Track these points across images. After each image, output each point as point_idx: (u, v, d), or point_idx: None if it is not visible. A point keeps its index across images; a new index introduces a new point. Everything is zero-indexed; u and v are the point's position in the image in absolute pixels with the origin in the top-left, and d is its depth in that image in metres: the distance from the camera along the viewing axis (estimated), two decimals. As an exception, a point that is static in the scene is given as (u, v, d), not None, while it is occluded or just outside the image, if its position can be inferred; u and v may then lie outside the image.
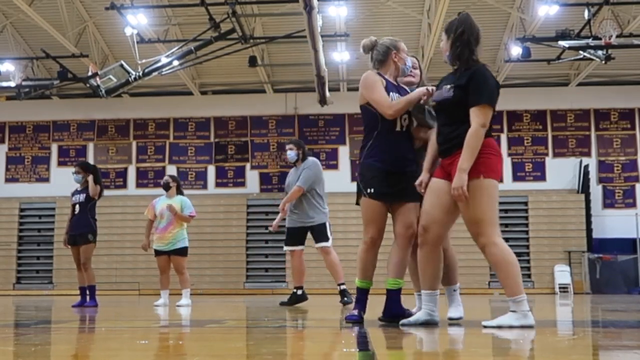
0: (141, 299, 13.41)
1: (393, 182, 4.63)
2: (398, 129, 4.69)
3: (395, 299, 4.73)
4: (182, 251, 9.42)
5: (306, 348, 3.60)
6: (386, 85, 4.73)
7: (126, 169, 18.49)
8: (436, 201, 4.41)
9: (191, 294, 9.61)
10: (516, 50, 14.38)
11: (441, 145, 4.49)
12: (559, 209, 17.39)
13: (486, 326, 4.30)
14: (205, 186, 18.23)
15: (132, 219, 17.29)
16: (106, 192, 10.65)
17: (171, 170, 17.86)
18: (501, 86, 4.60)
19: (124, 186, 18.36)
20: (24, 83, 15.13)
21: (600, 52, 13.32)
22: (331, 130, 18.21)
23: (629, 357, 3.03)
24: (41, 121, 18.70)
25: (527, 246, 17.10)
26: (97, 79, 14.09)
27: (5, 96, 17.73)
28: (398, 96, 4.71)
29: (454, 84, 4.37)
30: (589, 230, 17.16)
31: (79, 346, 3.73)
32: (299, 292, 8.64)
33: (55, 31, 14.93)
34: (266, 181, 18.17)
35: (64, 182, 16.39)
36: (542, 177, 17.68)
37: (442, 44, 4.55)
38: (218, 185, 18.26)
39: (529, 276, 16.82)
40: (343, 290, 8.50)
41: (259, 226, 17.70)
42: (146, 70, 14.13)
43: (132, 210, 17.38)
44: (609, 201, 17.66)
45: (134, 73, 14.04)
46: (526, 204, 17.37)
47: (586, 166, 17.46)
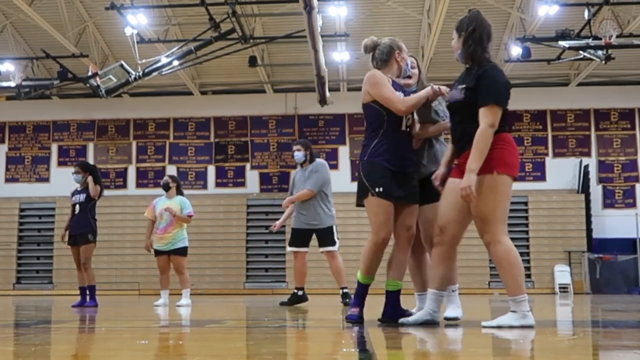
0: (141, 299, 13.41)
1: (398, 182, 4.62)
2: (403, 128, 4.69)
3: (394, 300, 4.73)
4: (182, 251, 9.42)
5: (306, 348, 3.60)
6: (392, 84, 4.74)
7: (126, 169, 18.49)
8: (452, 201, 4.41)
9: (191, 294, 9.61)
10: (516, 50, 14.37)
11: (455, 144, 4.52)
12: (559, 209, 17.39)
13: (486, 326, 4.30)
14: (205, 186, 18.23)
15: (132, 219, 17.31)
16: (106, 192, 10.65)
17: (171, 170, 17.85)
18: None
19: (124, 186, 18.36)
20: (24, 83, 15.13)
21: (600, 52, 13.32)
22: (331, 130, 18.20)
23: (629, 357, 3.03)
24: (41, 121, 18.70)
25: (527, 246, 17.09)
26: (97, 79, 14.10)
27: (5, 96, 17.73)
28: (403, 96, 4.72)
29: (465, 85, 4.39)
30: (589, 230, 17.16)
31: (79, 346, 3.73)
32: (299, 292, 8.64)
33: (55, 31, 14.94)
34: (266, 181, 18.17)
35: (64, 182, 16.39)
36: (542, 177, 17.68)
37: (453, 43, 4.54)
38: (218, 185, 18.26)
39: (529, 276, 16.82)
40: (345, 293, 8.51)
41: (259, 226, 17.70)
42: (146, 70, 14.14)
43: (132, 210, 17.40)
44: (609, 201, 17.66)
45: (134, 73, 14.05)
46: (526, 204, 17.36)
47: (586, 166, 17.46)
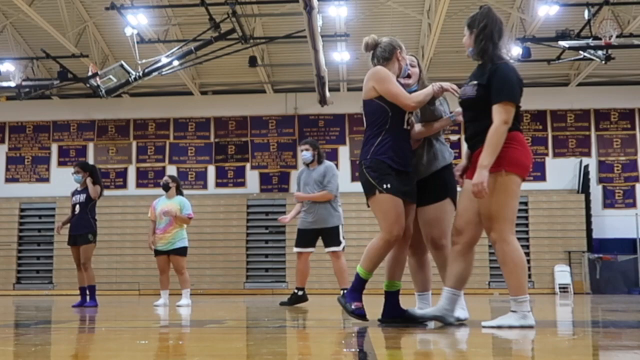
0: (141, 299, 13.41)
1: (402, 180, 4.63)
2: (405, 126, 4.70)
3: (393, 300, 4.73)
4: (182, 251, 9.42)
5: (306, 348, 3.60)
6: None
7: (126, 169, 18.49)
8: (469, 202, 4.44)
9: (191, 294, 9.61)
10: (516, 51, 14.36)
11: (468, 141, 4.56)
12: (559, 209, 17.38)
13: (486, 326, 4.30)
14: (205, 186, 18.22)
15: (132, 219, 17.32)
16: (106, 192, 10.66)
17: (171, 170, 17.85)
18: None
19: (124, 186, 18.36)
20: (24, 83, 15.12)
21: (600, 52, 13.32)
22: (331, 131, 18.19)
23: (629, 357, 3.03)
24: (41, 121, 18.69)
25: (527, 246, 17.08)
26: (97, 79, 14.10)
27: (6, 96, 17.72)
28: None
29: (477, 83, 4.40)
30: (589, 231, 17.14)
31: (79, 346, 3.73)
32: (299, 292, 8.64)
33: (55, 31, 14.93)
34: (266, 181, 18.16)
35: (64, 182, 16.40)
36: (542, 177, 17.67)
37: (465, 40, 4.55)
38: (218, 185, 18.25)
39: (529, 276, 16.80)
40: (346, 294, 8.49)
41: (259, 226, 17.71)
42: (146, 71, 14.14)
43: (132, 211, 17.41)
44: (609, 201, 17.66)
45: (134, 73, 14.05)
46: (526, 204, 17.34)
47: (586, 166, 17.45)
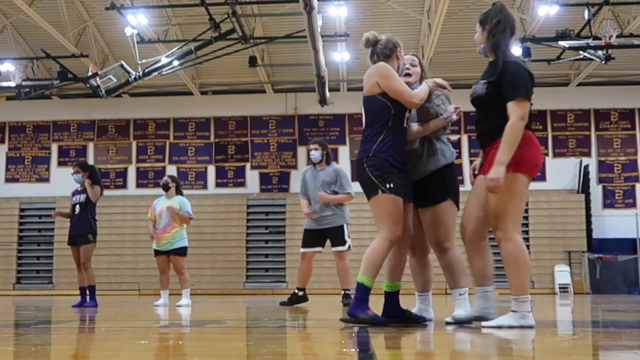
0: (141, 299, 13.41)
1: (402, 179, 4.61)
2: (405, 125, 4.70)
3: (393, 301, 4.73)
4: (181, 251, 9.41)
5: (306, 348, 3.60)
6: None
7: (126, 169, 18.49)
8: (476, 199, 4.50)
9: (191, 294, 9.61)
10: (516, 51, 14.37)
11: (479, 138, 4.56)
12: (559, 209, 17.37)
13: (486, 326, 4.30)
14: (205, 186, 18.22)
15: (132, 219, 17.32)
16: (106, 192, 10.66)
17: (171, 170, 17.85)
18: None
19: (124, 186, 18.36)
20: (24, 83, 15.12)
21: (600, 52, 13.32)
22: (331, 131, 18.19)
23: (629, 357, 3.03)
24: (41, 121, 18.69)
25: (527, 246, 16.86)
26: (97, 79, 14.10)
27: (6, 96, 17.73)
28: None
29: (486, 81, 4.41)
30: (589, 231, 17.14)
31: (79, 346, 3.73)
32: (299, 292, 8.63)
33: (55, 31, 14.93)
34: (266, 181, 18.16)
35: (64, 182, 16.39)
36: (542, 177, 17.65)
37: (477, 36, 4.54)
38: (218, 185, 18.25)
39: (529, 276, 16.80)
40: (347, 294, 8.50)
41: (259, 226, 17.71)
42: (146, 71, 14.14)
43: (132, 211, 17.41)
44: (609, 201, 17.66)
45: (134, 73, 14.05)
46: (526, 204, 17.24)
47: (586, 166, 17.45)
